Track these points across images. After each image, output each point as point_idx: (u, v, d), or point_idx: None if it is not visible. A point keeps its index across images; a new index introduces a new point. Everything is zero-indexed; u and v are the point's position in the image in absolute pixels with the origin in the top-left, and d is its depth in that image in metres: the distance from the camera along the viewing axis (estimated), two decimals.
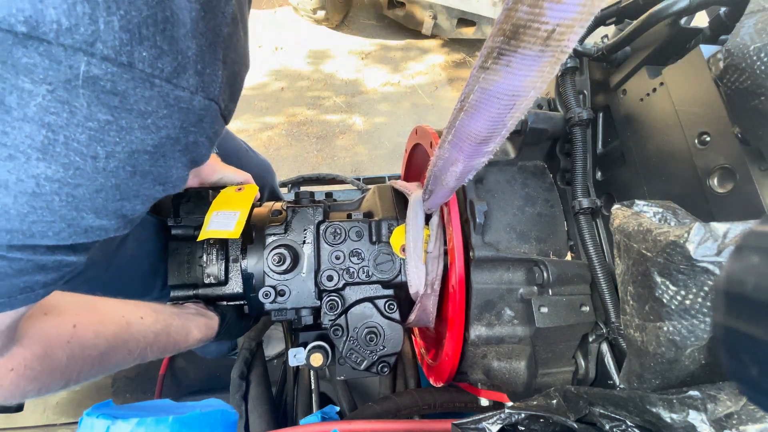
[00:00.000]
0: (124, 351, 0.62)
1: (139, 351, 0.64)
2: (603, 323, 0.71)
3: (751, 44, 0.45)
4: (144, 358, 0.66)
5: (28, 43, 0.29)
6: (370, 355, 0.75)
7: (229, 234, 0.75)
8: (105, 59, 0.32)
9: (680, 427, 0.44)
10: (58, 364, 0.53)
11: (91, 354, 0.56)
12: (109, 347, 0.59)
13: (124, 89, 0.34)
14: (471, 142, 0.46)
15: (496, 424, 0.53)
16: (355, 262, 0.78)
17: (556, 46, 0.31)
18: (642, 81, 0.68)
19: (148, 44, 0.34)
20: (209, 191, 0.86)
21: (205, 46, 0.39)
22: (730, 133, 0.52)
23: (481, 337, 0.73)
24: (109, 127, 0.35)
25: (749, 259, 0.23)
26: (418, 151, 0.98)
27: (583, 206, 0.75)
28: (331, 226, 0.79)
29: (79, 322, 0.56)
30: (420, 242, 0.74)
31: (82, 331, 0.56)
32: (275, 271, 0.76)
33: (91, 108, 0.34)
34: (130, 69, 0.34)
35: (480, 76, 0.37)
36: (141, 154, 0.39)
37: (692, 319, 0.43)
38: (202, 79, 0.39)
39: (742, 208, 0.51)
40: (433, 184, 0.65)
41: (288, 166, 2.86)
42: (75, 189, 0.37)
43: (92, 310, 0.60)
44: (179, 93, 0.38)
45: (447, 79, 3.36)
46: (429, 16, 3.09)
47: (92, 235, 0.41)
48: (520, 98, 0.37)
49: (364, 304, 0.76)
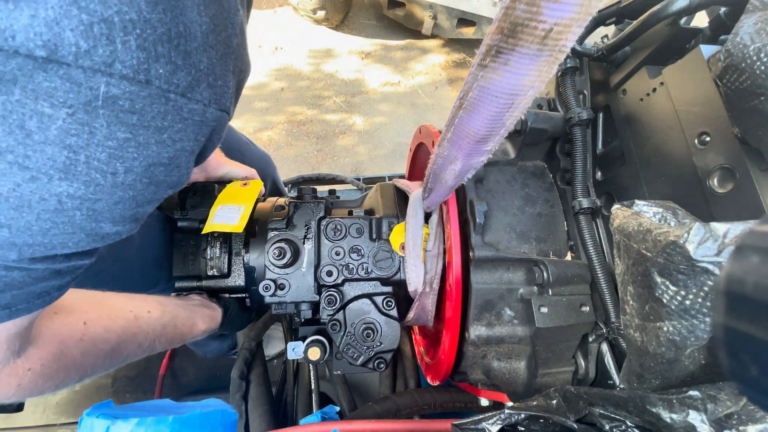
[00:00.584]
0: (134, 344, 0.64)
1: (149, 343, 0.66)
2: (603, 323, 0.71)
3: (751, 44, 0.45)
4: (153, 349, 0.68)
5: (47, 67, 0.29)
6: (367, 351, 0.75)
7: (233, 228, 0.76)
8: (124, 78, 0.32)
9: (680, 427, 0.44)
10: (72, 360, 0.54)
11: (103, 348, 0.58)
12: (119, 341, 0.61)
13: (141, 107, 0.35)
14: (470, 141, 0.46)
15: (496, 424, 0.53)
16: (354, 258, 0.78)
17: (553, 45, 0.31)
18: (642, 81, 0.68)
19: (164, 61, 0.34)
20: (215, 185, 0.88)
21: (215, 58, 0.39)
22: (730, 133, 0.52)
23: (481, 337, 0.73)
24: (128, 144, 0.36)
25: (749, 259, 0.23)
26: (422, 150, 0.98)
27: (583, 206, 0.75)
28: (331, 222, 0.79)
29: (89, 318, 0.57)
30: (419, 240, 0.74)
31: (93, 328, 0.57)
32: (276, 265, 0.76)
33: (110, 128, 0.34)
34: (148, 86, 0.34)
35: (478, 74, 0.37)
36: (157, 167, 0.40)
37: (692, 319, 0.43)
38: (215, 91, 0.40)
39: (742, 208, 0.51)
40: (433, 182, 0.65)
41: (288, 166, 2.86)
42: (95, 203, 0.38)
43: (101, 306, 0.62)
44: (193, 106, 0.38)
45: (447, 79, 3.36)
46: (429, 16, 3.09)
47: (108, 239, 0.43)
48: (519, 97, 0.37)
49: (363, 300, 0.77)
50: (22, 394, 0.50)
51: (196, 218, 0.82)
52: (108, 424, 0.73)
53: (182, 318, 0.72)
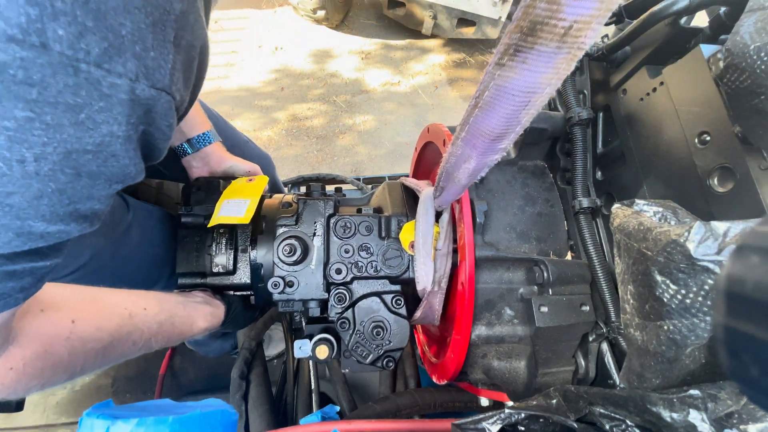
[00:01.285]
0: (127, 342, 0.61)
1: (143, 342, 0.64)
2: (603, 323, 0.71)
3: (751, 43, 0.45)
4: (149, 348, 0.66)
5: None
6: (376, 349, 0.75)
7: (240, 220, 0.75)
8: (11, 41, 0.26)
9: (681, 426, 0.44)
10: (59, 359, 0.52)
11: (93, 347, 0.56)
12: (111, 339, 0.58)
13: (41, 78, 0.28)
14: (485, 139, 0.46)
15: (496, 424, 0.53)
16: (363, 256, 0.78)
17: (572, 43, 0.31)
18: (642, 81, 0.68)
19: (65, 20, 0.27)
20: (220, 180, 0.87)
21: (144, 24, 0.32)
22: (730, 132, 0.52)
23: (482, 337, 0.73)
24: (31, 125, 0.30)
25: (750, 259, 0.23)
26: (429, 149, 0.97)
27: (583, 206, 0.75)
28: (341, 219, 0.79)
29: (78, 317, 0.55)
30: (429, 239, 0.74)
31: (82, 326, 0.55)
32: (285, 262, 0.76)
33: (2, 103, 0.28)
34: (46, 51, 0.28)
35: (495, 72, 0.37)
36: (81, 155, 0.33)
37: (692, 318, 0.43)
38: (144, 63, 0.33)
39: (742, 208, 0.51)
40: (445, 181, 0.64)
41: (288, 166, 2.86)
42: (8, 198, 0.32)
43: (93, 302, 0.59)
44: (114, 80, 0.32)
45: (447, 79, 3.36)
46: (429, 16, 3.09)
47: (52, 238, 0.38)
48: (536, 95, 0.37)
49: (372, 298, 0.76)
50: (4, 393, 0.48)
51: (201, 214, 0.81)
52: (108, 424, 0.73)
53: (181, 316, 0.70)
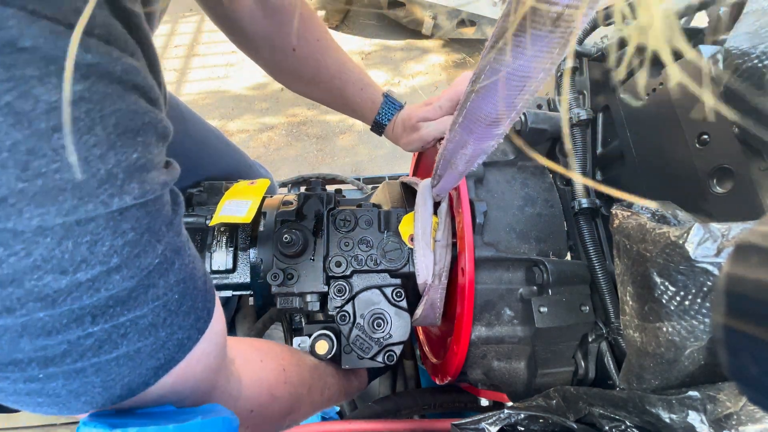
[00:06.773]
0: (319, 387, 0.66)
1: (328, 392, 0.68)
2: (603, 323, 0.71)
3: (751, 44, 0.45)
4: (331, 401, 0.70)
5: None
6: (377, 343, 0.74)
7: (241, 219, 0.76)
8: None
9: (679, 427, 0.44)
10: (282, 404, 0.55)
11: (301, 392, 0.58)
12: (309, 386, 0.62)
13: None
14: (481, 124, 0.46)
15: (496, 424, 0.53)
16: (363, 249, 0.78)
17: (566, 27, 0.32)
18: (642, 81, 0.68)
19: None
20: (222, 183, 0.88)
21: None
22: (729, 133, 0.52)
23: (481, 337, 0.73)
24: None
25: (749, 259, 0.23)
26: (429, 149, 0.98)
27: (582, 206, 0.75)
28: (341, 212, 0.79)
29: (283, 364, 0.58)
30: (428, 229, 0.74)
31: (291, 372, 0.58)
32: (284, 254, 0.76)
33: None
34: None
35: (491, 56, 0.37)
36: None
37: (692, 320, 0.43)
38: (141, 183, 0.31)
39: (741, 208, 0.51)
40: (443, 169, 0.64)
41: (288, 166, 2.86)
42: None
43: (284, 352, 0.62)
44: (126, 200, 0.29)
45: (447, 79, 3.36)
46: (429, 16, 3.09)
47: None
48: (530, 79, 0.37)
49: (372, 290, 0.76)
50: None
51: (203, 215, 0.82)
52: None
53: None
